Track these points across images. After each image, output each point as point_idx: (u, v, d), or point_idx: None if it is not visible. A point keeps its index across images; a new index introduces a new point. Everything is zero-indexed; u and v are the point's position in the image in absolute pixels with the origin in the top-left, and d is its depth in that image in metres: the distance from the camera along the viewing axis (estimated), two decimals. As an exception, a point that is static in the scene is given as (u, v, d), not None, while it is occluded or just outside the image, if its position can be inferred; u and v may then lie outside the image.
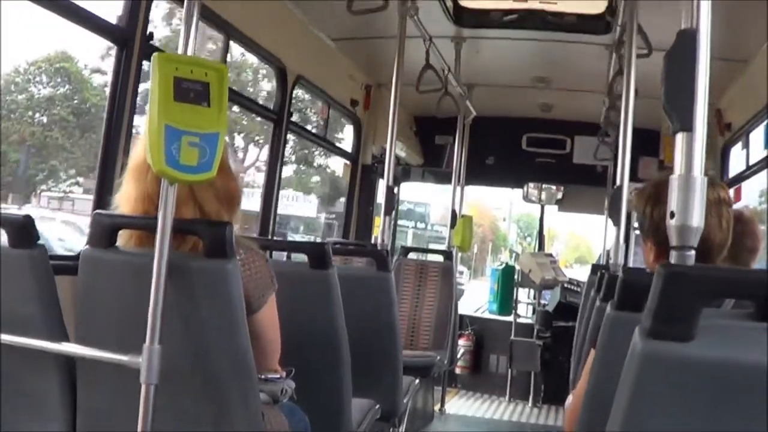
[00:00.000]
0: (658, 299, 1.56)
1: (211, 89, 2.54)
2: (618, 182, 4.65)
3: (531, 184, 10.58)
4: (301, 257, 4.07)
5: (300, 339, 3.75)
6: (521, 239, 53.85)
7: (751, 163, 7.19)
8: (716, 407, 1.52)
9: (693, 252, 1.97)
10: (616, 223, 4.67)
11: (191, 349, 2.75)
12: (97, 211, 3.01)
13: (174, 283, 2.63)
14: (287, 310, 3.24)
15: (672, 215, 1.97)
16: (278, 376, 3.21)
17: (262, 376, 3.11)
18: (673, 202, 1.97)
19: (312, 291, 3.91)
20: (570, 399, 3.34)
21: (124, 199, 2.97)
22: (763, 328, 1.76)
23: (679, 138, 1.99)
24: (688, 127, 1.97)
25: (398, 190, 10.82)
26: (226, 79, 2.58)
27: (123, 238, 2.97)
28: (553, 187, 10.65)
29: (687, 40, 2.01)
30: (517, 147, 9.89)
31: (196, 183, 2.67)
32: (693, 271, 1.61)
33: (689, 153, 1.96)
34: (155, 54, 2.53)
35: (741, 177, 7.42)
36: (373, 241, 6.32)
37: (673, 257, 1.97)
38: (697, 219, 1.95)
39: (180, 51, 2.64)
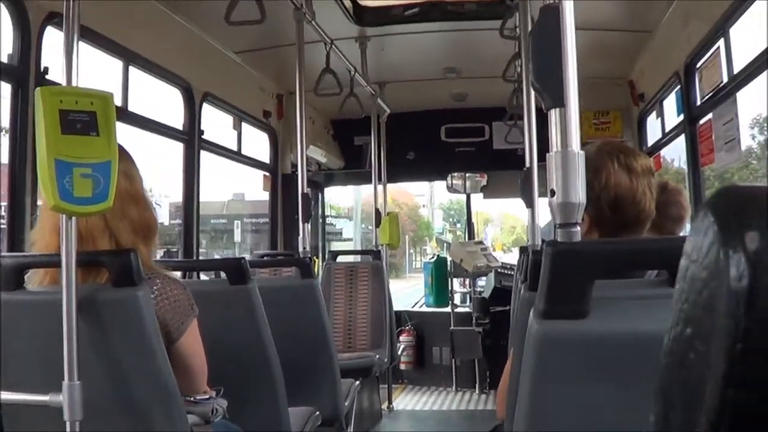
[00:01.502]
0: (548, 278, 1.56)
1: (99, 118, 2.51)
2: (527, 164, 4.68)
3: (455, 174, 10.58)
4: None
5: (228, 356, 3.73)
6: (451, 226, 52.79)
7: (666, 130, 7.29)
8: (617, 381, 1.52)
9: (578, 228, 1.98)
10: (529, 204, 4.70)
11: (112, 381, 2.72)
12: (2, 254, 2.98)
13: (86, 317, 2.61)
14: (212, 328, 3.22)
15: (553, 193, 1.98)
16: (207, 396, 3.19)
17: (191, 398, 3.09)
18: (554, 180, 1.97)
19: (234, 307, 3.90)
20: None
21: (40, 236, 2.94)
22: (670, 295, 1.78)
23: (553, 114, 2.00)
24: (559, 103, 1.98)
25: (321, 195, 10.81)
26: (112, 106, 2.56)
27: (38, 277, 2.94)
28: (477, 175, 10.67)
29: (550, 15, 2.01)
30: (437, 139, 9.92)
31: (94, 214, 2.63)
32: (580, 248, 1.62)
33: (564, 129, 1.97)
34: (38, 89, 2.50)
35: (658, 145, 7.52)
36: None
37: (559, 235, 1.98)
38: (578, 194, 1.96)
39: (63, 83, 2.62)
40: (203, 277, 5.48)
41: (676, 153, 7.75)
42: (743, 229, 0.49)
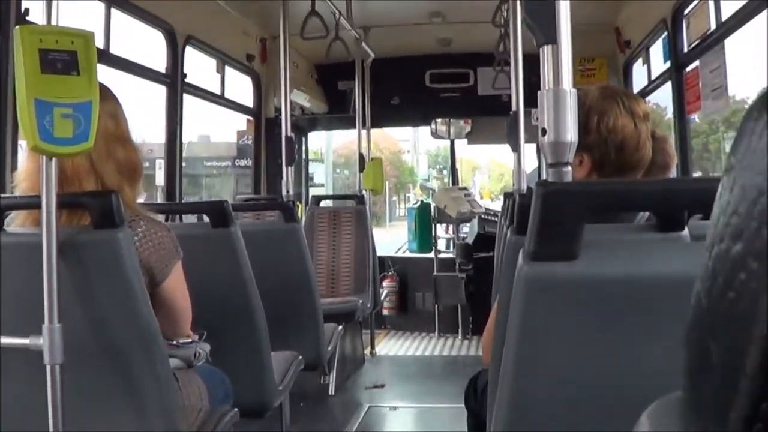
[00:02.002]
0: (538, 219, 1.54)
1: (79, 57, 2.47)
2: (514, 108, 4.66)
3: (438, 120, 10.55)
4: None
5: (211, 300, 3.72)
6: (438, 173, 51.22)
7: (652, 78, 7.27)
8: (608, 323, 1.51)
9: (569, 168, 1.96)
10: (515, 149, 4.69)
11: (93, 324, 2.71)
12: (-20, 195, 2.95)
13: (66, 260, 2.59)
14: (194, 272, 3.20)
15: (544, 132, 1.95)
16: (190, 340, 3.18)
17: (174, 342, 3.09)
18: (545, 119, 1.95)
19: (217, 250, 3.89)
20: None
21: (23, 177, 2.91)
22: (658, 239, 1.76)
23: (545, 51, 1.98)
24: (551, 39, 1.95)
25: (305, 139, 10.78)
26: (92, 45, 2.51)
27: (20, 219, 2.92)
28: (461, 121, 10.64)
29: None
30: (421, 84, 9.88)
31: (74, 155, 2.60)
32: (571, 188, 1.60)
33: (556, 66, 1.95)
34: (17, 27, 2.45)
35: (644, 92, 7.50)
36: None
37: (550, 175, 1.96)
38: (570, 134, 1.94)
39: (43, 21, 2.57)
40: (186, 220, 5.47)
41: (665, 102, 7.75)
42: None
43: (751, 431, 0.46)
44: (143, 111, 6.63)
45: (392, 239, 17.32)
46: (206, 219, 3.98)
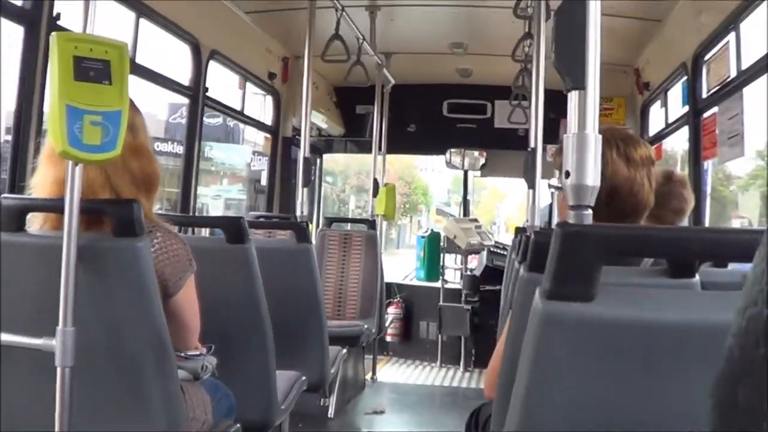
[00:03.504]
0: (556, 259, 1.55)
1: (112, 67, 2.50)
2: (532, 144, 4.68)
3: (453, 150, 10.57)
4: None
5: (221, 314, 3.75)
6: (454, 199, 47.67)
7: (670, 121, 7.29)
8: (620, 366, 1.52)
9: (590, 211, 1.98)
10: (531, 186, 4.71)
11: (106, 330, 2.73)
12: (4, 195, 2.97)
13: (85, 265, 2.61)
14: (206, 285, 3.22)
15: (567, 174, 1.98)
16: (198, 353, 3.20)
17: (182, 354, 3.10)
18: (569, 162, 1.98)
19: (230, 266, 3.91)
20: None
21: (40, 184, 2.92)
22: (672, 285, 1.78)
23: (572, 96, 2.00)
24: (580, 85, 1.98)
25: (320, 161, 10.81)
26: (126, 56, 2.55)
27: (38, 222, 2.94)
28: (476, 153, 10.66)
29: None
30: (438, 113, 9.92)
31: (101, 163, 2.63)
32: (590, 230, 1.61)
33: (583, 111, 1.97)
34: (53, 34, 2.49)
35: (661, 135, 7.52)
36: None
37: (570, 217, 1.98)
38: (592, 178, 1.96)
39: (76, 28, 2.61)
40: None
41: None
42: None
43: None
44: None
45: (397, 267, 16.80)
46: (218, 233, 4.00)
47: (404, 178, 43.35)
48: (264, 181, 9.25)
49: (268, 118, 8.68)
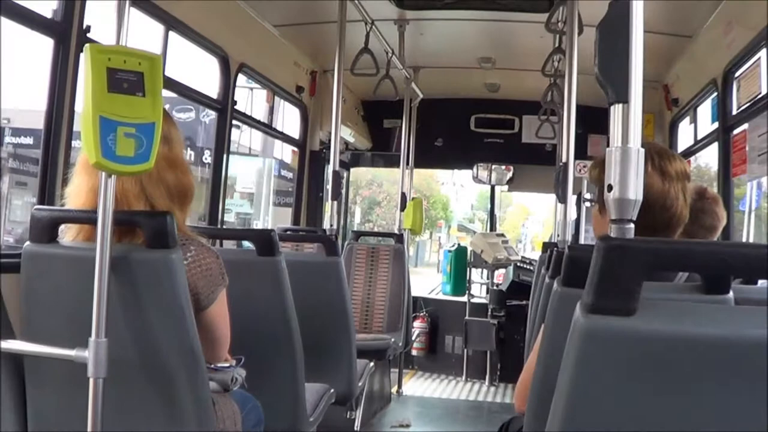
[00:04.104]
0: (598, 273, 1.54)
1: (146, 79, 2.52)
2: (564, 159, 4.67)
3: (480, 165, 10.57)
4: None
5: (251, 326, 3.75)
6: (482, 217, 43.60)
7: (699, 137, 7.26)
8: (663, 382, 1.51)
9: (632, 225, 1.97)
10: (562, 201, 4.69)
11: (138, 341, 2.74)
12: (36, 206, 2.99)
13: (118, 276, 2.62)
14: (237, 297, 3.22)
15: (610, 188, 1.97)
16: (228, 365, 3.20)
17: (212, 366, 3.11)
18: (611, 175, 1.97)
19: (261, 278, 3.91)
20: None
21: (75, 193, 2.93)
22: (707, 301, 1.77)
23: (615, 110, 1.99)
24: (623, 98, 1.97)
25: (347, 174, 10.83)
26: (159, 68, 2.56)
27: (71, 233, 2.95)
28: (503, 167, 10.65)
29: (620, 9, 2.00)
30: (466, 128, 9.92)
31: (134, 174, 2.63)
32: (633, 244, 1.60)
33: (626, 125, 1.96)
34: (87, 45, 2.51)
35: (690, 151, 7.49)
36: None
37: (612, 230, 1.97)
38: (634, 191, 1.95)
39: (107, 40, 2.62)
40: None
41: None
42: None
43: None
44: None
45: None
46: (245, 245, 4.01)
47: (421, 191, 41.07)
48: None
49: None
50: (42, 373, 2.91)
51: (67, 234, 2.94)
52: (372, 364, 6.08)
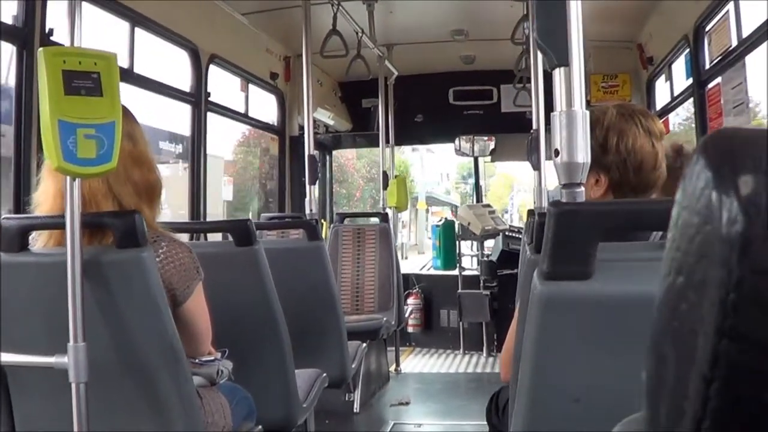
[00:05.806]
0: (551, 240, 1.55)
1: (102, 78, 2.50)
2: (534, 126, 4.66)
3: (462, 137, 10.54)
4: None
5: (234, 317, 3.75)
6: (456, 184, 44.28)
7: (675, 94, 7.26)
8: (622, 343, 1.51)
9: (582, 189, 1.97)
10: (536, 168, 4.68)
11: (117, 342, 2.73)
12: (5, 216, 2.97)
13: (90, 279, 2.61)
14: (218, 290, 3.22)
15: (557, 153, 1.96)
16: (212, 358, 3.20)
17: (196, 360, 3.10)
18: (558, 140, 1.96)
19: (241, 268, 3.90)
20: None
21: (42, 198, 2.92)
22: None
23: (557, 73, 1.98)
24: (564, 61, 1.96)
25: (330, 157, 10.81)
26: (115, 67, 2.54)
27: (43, 238, 2.94)
28: (485, 138, 10.62)
29: None
30: (445, 102, 9.89)
31: (98, 175, 2.62)
32: (584, 208, 1.60)
33: (569, 88, 1.95)
34: (40, 49, 2.48)
35: (667, 109, 7.49)
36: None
37: (563, 195, 1.97)
38: (582, 155, 1.94)
39: (68, 42, 2.60)
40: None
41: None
42: (737, 173, 0.48)
43: None
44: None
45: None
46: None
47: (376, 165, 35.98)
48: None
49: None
50: (25, 380, 2.90)
51: (39, 240, 2.93)
52: (365, 345, 6.08)
